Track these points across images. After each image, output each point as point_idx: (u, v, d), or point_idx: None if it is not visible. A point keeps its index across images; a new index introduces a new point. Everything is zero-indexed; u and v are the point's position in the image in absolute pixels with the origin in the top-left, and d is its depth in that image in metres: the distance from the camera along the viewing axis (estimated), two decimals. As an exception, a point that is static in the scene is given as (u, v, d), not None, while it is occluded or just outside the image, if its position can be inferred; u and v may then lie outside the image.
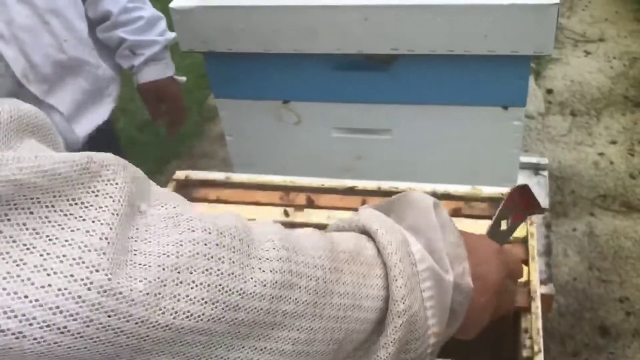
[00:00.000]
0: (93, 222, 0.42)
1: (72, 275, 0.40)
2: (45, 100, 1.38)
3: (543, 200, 2.07)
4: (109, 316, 0.41)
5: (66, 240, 0.41)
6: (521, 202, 0.87)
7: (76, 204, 0.42)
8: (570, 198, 2.87)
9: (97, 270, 0.41)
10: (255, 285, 0.48)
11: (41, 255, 0.40)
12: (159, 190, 0.51)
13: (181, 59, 4.28)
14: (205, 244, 0.47)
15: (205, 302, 0.45)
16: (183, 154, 3.49)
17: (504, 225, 0.88)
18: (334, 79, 1.50)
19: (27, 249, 0.40)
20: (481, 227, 1.17)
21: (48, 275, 0.40)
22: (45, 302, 0.40)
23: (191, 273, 0.45)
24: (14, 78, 1.31)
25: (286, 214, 1.24)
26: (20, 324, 0.39)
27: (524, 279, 1.06)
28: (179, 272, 0.45)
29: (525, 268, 1.08)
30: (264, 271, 0.49)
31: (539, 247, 1.60)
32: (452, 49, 1.36)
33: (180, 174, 1.36)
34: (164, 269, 0.44)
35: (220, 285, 0.46)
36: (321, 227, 1.22)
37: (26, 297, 0.39)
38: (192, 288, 0.45)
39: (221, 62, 1.59)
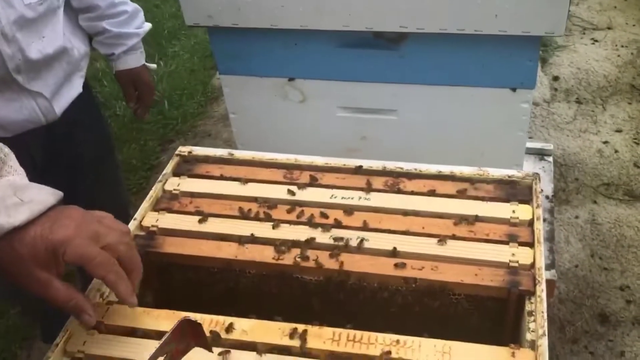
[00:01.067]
0: None
1: None
2: (30, 88, 1.46)
3: (547, 186, 2.05)
4: None
5: None
6: (189, 334, 0.86)
7: None
8: (574, 185, 2.85)
9: None
10: None
11: None
12: None
13: (186, 39, 4.26)
14: None
15: None
16: (186, 134, 3.48)
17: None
18: (340, 57, 1.47)
19: None
20: (488, 209, 1.16)
21: None
22: None
23: None
24: (7, 70, 1.39)
25: (291, 193, 1.23)
26: None
27: (528, 262, 1.05)
28: None
29: (530, 251, 1.07)
30: None
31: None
32: (462, 28, 1.34)
33: (183, 149, 1.35)
34: None
35: None
36: (325, 205, 1.21)
37: None
38: None
39: (226, 37, 1.56)
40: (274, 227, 1.16)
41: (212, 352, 0.91)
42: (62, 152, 1.62)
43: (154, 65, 1.88)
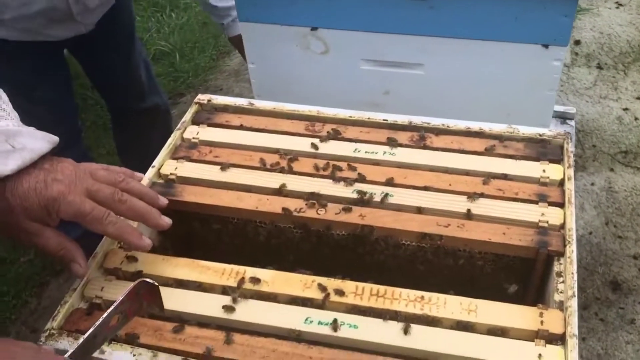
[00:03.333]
0: None
1: None
2: (82, 21, 1.66)
3: (570, 150, 2.01)
4: None
5: None
6: (144, 295, 0.86)
7: None
8: (591, 152, 2.81)
9: None
10: None
11: None
12: None
13: (197, -11, 4.17)
14: None
15: None
16: (197, 88, 3.42)
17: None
18: (367, 7, 1.41)
19: None
20: (517, 167, 1.13)
21: None
22: None
23: None
24: (72, 14, 1.63)
25: (314, 146, 1.19)
26: None
27: (558, 222, 1.02)
28: None
29: (560, 211, 1.04)
30: None
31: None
32: (498, -22, 1.27)
33: (202, 98, 1.31)
34: None
35: None
36: (349, 159, 1.18)
37: None
38: None
39: (247, -18, 1.50)
40: (295, 180, 1.13)
41: (164, 312, 0.90)
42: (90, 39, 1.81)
43: None
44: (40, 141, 0.89)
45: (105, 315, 0.81)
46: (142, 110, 2.16)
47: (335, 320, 0.90)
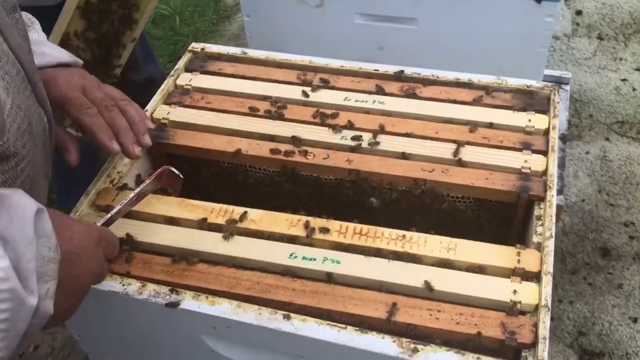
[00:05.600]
0: None
1: None
2: None
3: (562, 114, 2.02)
4: None
5: None
6: (165, 180, 1.01)
7: None
8: (587, 122, 2.81)
9: None
10: None
11: None
12: None
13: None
14: None
15: None
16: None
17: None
18: (362, -42, 1.41)
19: None
20: (503, 116, 1.14)
21: None
22: None
23: None
24: None
25: (304, 94, 1.21)
26: None
27: (540, 169, 1.04)
28: None
29: (543, 159, 1.06)
30: None
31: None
32: None
33: (196, 46, 1.32)
34: None
35: None
36: (338, 107, 1.19)
37: None
38: None
39: None
40: (285, 126, 1.15)
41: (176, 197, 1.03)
42: None
43: None
44: (61, 52, 0.95)
45: (131, 195, 0.96)
46: (137, 82, 2.08)
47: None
